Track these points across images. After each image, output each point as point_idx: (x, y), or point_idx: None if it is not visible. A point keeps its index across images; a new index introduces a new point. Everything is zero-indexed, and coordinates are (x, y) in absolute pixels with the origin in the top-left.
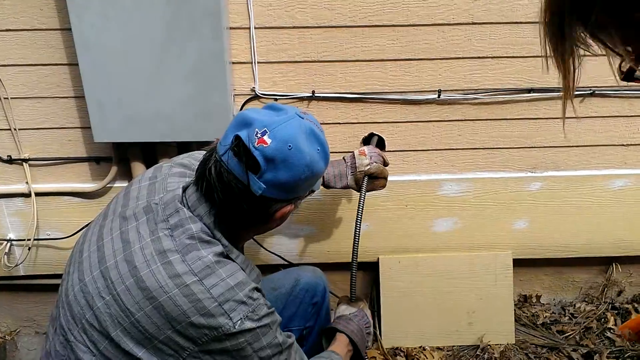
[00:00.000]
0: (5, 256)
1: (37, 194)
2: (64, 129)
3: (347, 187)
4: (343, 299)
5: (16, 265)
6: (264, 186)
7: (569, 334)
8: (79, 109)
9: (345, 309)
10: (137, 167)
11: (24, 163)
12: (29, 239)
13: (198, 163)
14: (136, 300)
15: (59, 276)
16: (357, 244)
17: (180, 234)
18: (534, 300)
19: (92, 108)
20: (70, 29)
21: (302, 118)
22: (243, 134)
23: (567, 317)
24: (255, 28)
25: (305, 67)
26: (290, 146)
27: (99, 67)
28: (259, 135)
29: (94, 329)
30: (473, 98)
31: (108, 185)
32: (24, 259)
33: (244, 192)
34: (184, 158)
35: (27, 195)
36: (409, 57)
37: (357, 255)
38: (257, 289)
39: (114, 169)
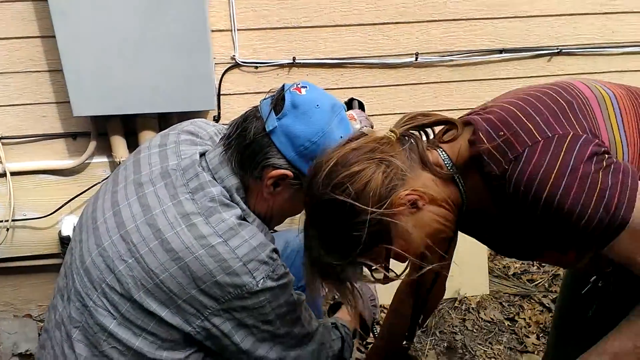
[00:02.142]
0: None
1: (12, 174)
2: (38, 104)
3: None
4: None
5: None
6: (277, 124)
7: (538, 282)
8: (53, 82)
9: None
10: (117, 141)
11: None
12: (5, 220)
13: (203, 130)
14: (161, 262)
15: (37, 257)
16: None
17: (202, 197)
18: None
19: (71, 81)
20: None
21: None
22: (288, 85)
23: (535, 267)
24: (236, 28)
25: (285, 33)
26: (318, 105)
27: (77, 37)
28: (299, 85)
29: (115, 292)
30: (449, 60)
31: (86, 161)
32: (1, 241)
33: (257, 131)
34: (187, 126)
35: (1, 175)
36: (386, 21)
37: None
38: (275, 250)
39: (92, 144)
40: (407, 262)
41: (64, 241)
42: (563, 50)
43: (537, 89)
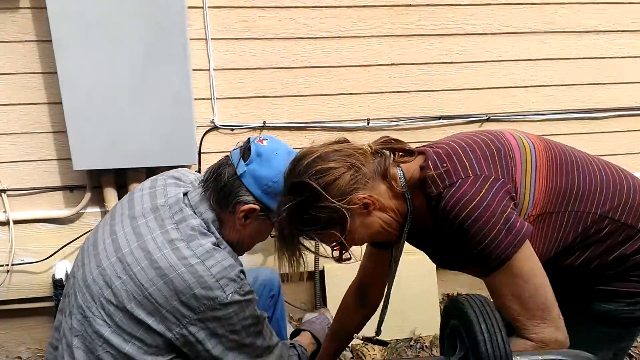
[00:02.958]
0: None
1: (15, 222)
2: (41, 161)
3: None
4: (307, 311)
5: None
6: (245, 169)
7: None
8: (56, 142)
9: (309, 315)
10: (110, 193)
11: (2, 193)
12: (5, 265)
13: (185, 176)
14: (149, 277)
15: (31, 300)
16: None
17: (184, 227)
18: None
19: (73, 140)
20: (51, 72)
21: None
22: (252, 138)
23: None
24: (214, 70)
25: (257, 101)
26: (276, 153)
27: (80, 104)
28: (262, 138)
29: (111, 304)
30: (395, 124)
31: (81, 211)
32: (0, 283)
33: (230, 174)
34: (172, 172)
35: (4, 223)
36: (342, 92)
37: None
38: (242, 272)
39: (87, 195)
40: (347, 249)
41: (57, 284)
42: (491, 117)
43: (477, 135)
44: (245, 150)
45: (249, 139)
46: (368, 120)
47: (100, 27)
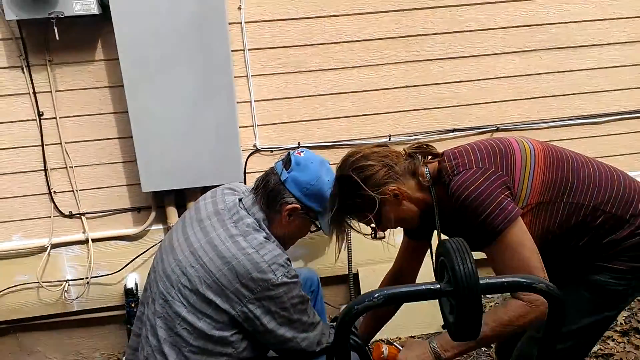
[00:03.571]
0: (65, 294)
1: (93, 240)
2: (113, 187)
3: None
4: None
5: (72, 301)
6: (288, 176)
7: None
8: (125, 170)
9: None
10: (171, 212)
11: (82, 216)
12: (85, 278)
13: (238, 187)
14: (216, 265)
15: (106, 309)
16: None
17: (241, 225)
18: None
19: (142, 166)
20: (121, 112)
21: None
22: (292, 152)
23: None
24: (254, 101)
25: (292, 126)
26: (312, 162)
27: (147, 136)
28: (299, 151)
29: (187, 288)
30: (414, 139)
31: (147, 229)
32: (79, 295)
33: (275, 181)
34: (227, 185)
35: (83, 242)
36: (365, 113)
37: None
38: (289, 260)
39: (152, 215)
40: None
41: (128, 293)
42: (500, 128)
43: (487, 140)
44: (287, 161)
45: (289, 152)
46: (389, 136)
47: (162, 72)
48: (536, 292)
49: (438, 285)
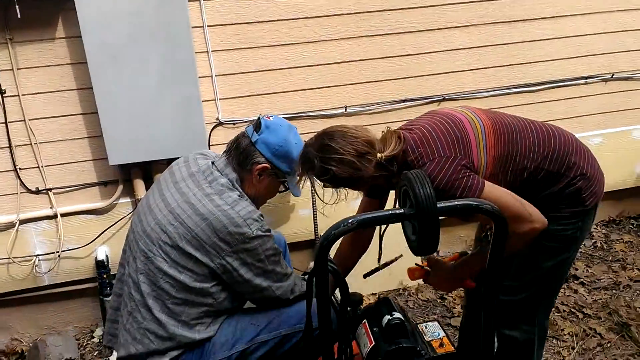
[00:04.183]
0: (35, 268)
1: (61, 215)
2: (79, 162)
3: None
4: None
5: (42, 275)
6: (258, 137)
7: None
8: (90, 145)
9: None
10: (139, 184)
11: (49, 192)
12: (56, 252)
13: (208, 153)
14: (194, 221)
15: (78, 282)
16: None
17: (216, 184)
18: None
19: (108, 141)
20: (85, 88)
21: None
22: (261, 116)
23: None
24: (216, 76)
25: (252, 99)
26: (281, 125)
27: (112, 111)
28: (267, 116)
29: (167, 245)
30: (368, 109)
31: (114, 202)
32: (50, 269)
33: (246, 143)
34: (198, 151)
35: (51, 217)
36: (322, 86)
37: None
38: (262, 215)
39: (120, 188)
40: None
41: (99, 265)
42: (446, 97)
43: (442, 121)
44: (257, 124)
45: (259, 116)
46: (345, 107)
47: (125, 49)
48: (482, 212)
49: (402, 210)
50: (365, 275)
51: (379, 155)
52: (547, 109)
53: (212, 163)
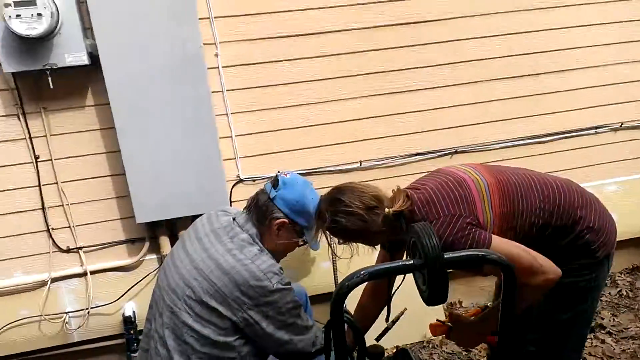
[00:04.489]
0: (66, 325)
1: (91, 273)
2: (108, 221)
3: None
4: None
5: (72, 332)
6: (276, 194)
7: None
8: (118, 205)
9: None
10: (164, 241)
11: (79, 250)
12: (85, 309)
13: (230, 209)
14: (217, 276)
15: (105, 338)
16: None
17: (237, 240)
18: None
19: (135, 200)
20: (113, 151)
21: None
22: (279, 173)
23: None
24: (235, 136)
25: (271, 157)
26: (297, 182)
27: (138, 172)
28: (284, 173)
29: (191, 299)
30: (382, 164)
31: (141, 259)
32: (80, 326)
33: (265, 199)
34: (219, 209)
35: (81, 275)
36: (337, 142)
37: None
38: (281, 269)
39: (146, 245)
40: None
41: (126, 320)
42: (458, 150)
43: (446, 182)
44: (275, 181)
45: (277, 173)
46: (360, 162)
47: (150, 114)
48: (489, 262)
49: (411, 261)
50: (378, 338)
51: (387, 210)
52: (555, 159)
53: (233, 219)
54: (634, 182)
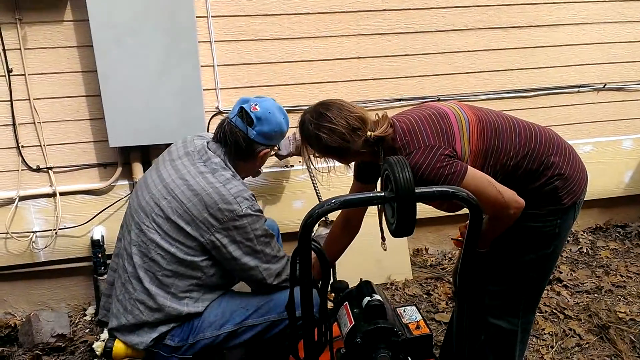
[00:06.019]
0: (32, 245)
1: (60, 194)
2: (80, 143)
3: (292, 154)
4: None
5: (39, 251)
6: (255, 133)
7: (447, 268)
8: (92, 127)
9: (323, 230)
10: (137, 167)
11: (49, 170)
12: (53, 229)
13: (206, 134)
14: (187, 196)
15: (72, 260)
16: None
17: (210, 163)
18: (424, 251)
19: (109, 123)
20: (90, 71)
21: (274, 101)
22: (245, 106)
23: (446, 260)
24: (217, 65)
25: (252, 90)
26: (269, 112)
27: (115, 95)
28: (252, 105)
29: (160, 217)
30: (365, 106)
31: (113, 184)
32: (46, 246)
33: (243, 137)
34: (195, 134)
35: (50, 195)
36: (320, 81)
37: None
38: (253, 195)
39: (118, 170)
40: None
41: (95, 244)
42: (441, 98)
43: (428, 114)
44: (248, 119)
45: (242, 107)
46: None
47: (130, 34)
48: (458, 199)
49: (383, 193)
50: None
51: (369, 133)
52: (541, 114)
53: (207, 143)
54: (607, 144)
